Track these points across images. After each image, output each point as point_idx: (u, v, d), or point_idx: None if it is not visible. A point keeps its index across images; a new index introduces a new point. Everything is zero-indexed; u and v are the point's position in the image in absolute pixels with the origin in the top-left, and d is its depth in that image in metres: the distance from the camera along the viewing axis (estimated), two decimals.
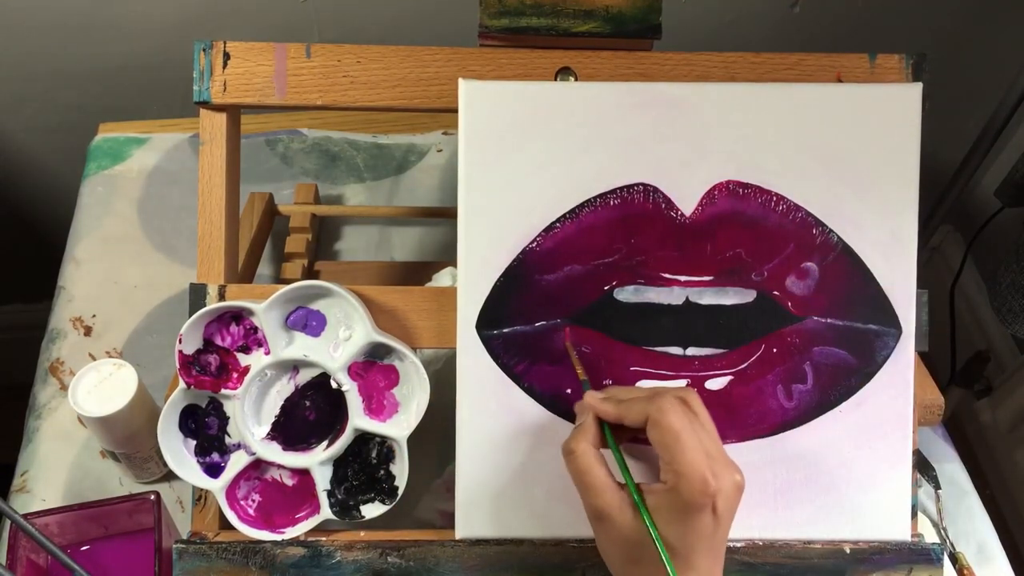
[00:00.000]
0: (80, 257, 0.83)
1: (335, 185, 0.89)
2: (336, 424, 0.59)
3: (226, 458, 0.58)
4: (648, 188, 0.57)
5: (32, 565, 0.59)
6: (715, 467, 0.47)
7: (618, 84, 0.58)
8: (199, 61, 0.58)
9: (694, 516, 0.46)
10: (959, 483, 0.74)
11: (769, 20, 1.02)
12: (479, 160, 0.57)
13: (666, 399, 0.49)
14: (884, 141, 0.58)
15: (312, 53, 0.58)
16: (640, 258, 0.58)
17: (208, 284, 0.58)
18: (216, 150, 0.58)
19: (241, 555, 0.58)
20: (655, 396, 0.49)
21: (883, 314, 0.58)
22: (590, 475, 0.49)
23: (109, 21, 0.91)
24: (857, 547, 0.59)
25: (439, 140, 0.93)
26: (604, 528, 0.49)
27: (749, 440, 0.58)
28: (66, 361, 0.76)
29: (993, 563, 0.70)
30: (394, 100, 0.58)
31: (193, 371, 0.57)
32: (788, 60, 0.59)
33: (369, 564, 0.58)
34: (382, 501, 0.59)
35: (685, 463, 0.46)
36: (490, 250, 0.57)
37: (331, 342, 0.58)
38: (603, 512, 0.48)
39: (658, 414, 0.48)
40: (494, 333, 0.57)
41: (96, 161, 0.89)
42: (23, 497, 0.69)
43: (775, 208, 0.58)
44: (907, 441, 0.59)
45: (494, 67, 0.58)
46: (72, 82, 0.97)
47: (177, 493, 0.69)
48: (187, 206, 0.85)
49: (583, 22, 0.57)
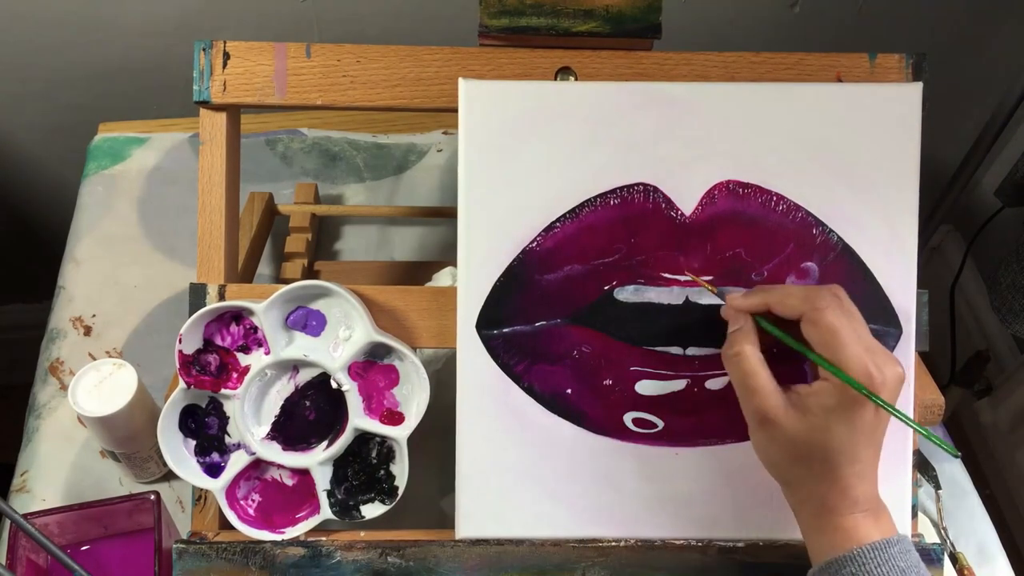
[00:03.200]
0: (80, 257, 0.83)
1: (335, 185, 0.89)
2: (336, 424, 0.59)
3: (226, 458, 0.58)
4: (648, 188, 0.57)
5: (32, 565, 0.59)
6: (877, 360, 0.47)
7: (618, 84, 0.58)
8: (199, 61, 0.58)
9: (858, 411, 0.47)
10: (959, 483, 0.74)
11: (769, 20, 1.02)
12: (479, 160, 0.57)
13: (822, 296, 0.49)
14: (884, 141, 0.58)
15: (312, 53, 0.58)
16: (640, 258, 0.58)
17: (208, 284, 0.58)
18: (216, 150, 0.58)
19: (241, 555, 0.58)
20: (809, 294, 0.50)
21: (883, 314, 0.58)
22: (756, 377, 0.50)
23: (109, 21, 0.91)
24: None
25: (439, 140, 0.93)
26: (769, 431, 0.49)
27: (749, 440, 0.58)
28: (66, 361, 0.76)
29: (993, 563, 0.70)
30: (394, 100, 0.58)
31: (193, 371, 0.57)
32: (788, 60, 0.59)
33: (369, 564, 0.58)
34: (382, 501, 0.59)
35: (847, 358, 0.47)
36: (490, 250, 0.57)
37: (331, 342, 0.58)
38: (769, 415, 0.49)
39: (815, 313, 0.48)
40: (494, 333, 0.57)
41: (96, 161, 0.89)
42: (23, 497, 0.69)
43: (775, 208, 0.58)
44: (907, 441, 0.59)
45: (494, 67, 0.58)
46: (72, 82, 0.97)
47: (177, 493, 0.69)
48: (187, 206, 0.85)
49: (583, 22, 0.57)
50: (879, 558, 0.46)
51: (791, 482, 0.51)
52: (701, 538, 0.58)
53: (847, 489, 0.48)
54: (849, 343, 0.47)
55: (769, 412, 0.49)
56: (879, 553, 0.46)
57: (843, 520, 0.48)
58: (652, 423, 0.58)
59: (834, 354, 0.47)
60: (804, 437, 0.48)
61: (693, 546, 0.58)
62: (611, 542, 0.58)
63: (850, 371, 0.47)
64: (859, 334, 0.48)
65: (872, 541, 0.47)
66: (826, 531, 0.49)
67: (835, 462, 0.48)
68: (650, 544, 0.58)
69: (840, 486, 0.48)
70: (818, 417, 0.48)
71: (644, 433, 0.58)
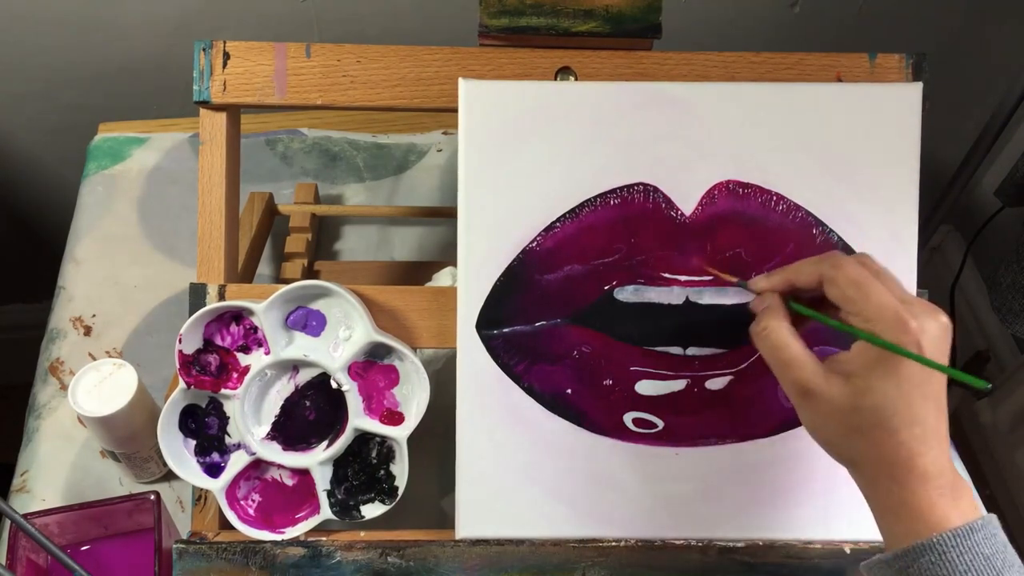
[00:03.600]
0: (80, 257, 0.83)
1: (335, 185, 0.89)
2: (336, 424, 0.59)
3: (226, 458, 0.58)
4: (648, 188, 0.57)
5: (32, 565, 0.59)
6: (912, 308, 0.43)
7: (618, 84, 0.58)
8: (199, 61, 0.58)
9: (903, 363, 0.43)
10: None
11: (769, 20, 1.02)
12: (479, 160, 0.57)
13: (837, 255, 0.47)
14: (884, 141, 0.58)
15: (312, 53, 0.58)
16: (640, 258, 0.58)
17: (208, 284, 0.58)
18: (216, 150, 0.58)
19: (241, 555, 0.58)
20: (824, 256, 0.48)
21: None
22: (788, 349, 0.47)
23: (109, 21, 0.91)
24: (857, 547, 0.59)
25: (439, 140, 0.93)
26: (812, 404, 0.46)
27: (749, 440, 0.58)
28: (66, 361, 0.76)
29: None
30: (394, 100, 0.58)
31: (193, 371, 0.57)
32: (788, 60, 0.59)
33: (369, 564, 0.58)
34: (382, 501, 0.59)
35: (873, 307, 0.44)
36: (490, 250, 0.57)
37: (331, 342, 0.58)
38: (808, 386, 0.46)
39: (832, 270, 0.46)
40: (494, 333, 0.57)
41: (96, 161, 0.89)
42: (23, 497, 0.69)
43: (775, 208, 0.58)
44: None
45: (494, 67, 0.58)
46: (72, 82, 0.97)
47: (177, 493, 0.69)
48: (187, 206, 0.85)
49: (583, 22, 0.57)
50: (961, 546, 0.41)
51: (853, 460, 0.46)
52: (701, 538, 0.58)
53: (913, 457, 0.43)
54: (874, 292, 0.44)
55: (808, 383, 0.46)
56: (961, 540, 0.41)
57: (916, 499, 0.43)
58: (652, 423, 0.58)
59: (859, 307, 0.44)
60: (851, 402, 0.44)
61: (693, 546, 0.58)
62: (611, 542, 0.58)
63: (880, 320, 0.43)
64: (887, 285, 0.45)
65: (953, 527, 0.42)
66: (900, 514, 0.43)
67: (891, 425, 0.43)
68: (650, 544, 0.58)
69: (904, 454, 0.43)
70: (860, 378, 0.44)
71: (644, 433, 0.58)
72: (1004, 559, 0.42)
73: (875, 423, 0.44)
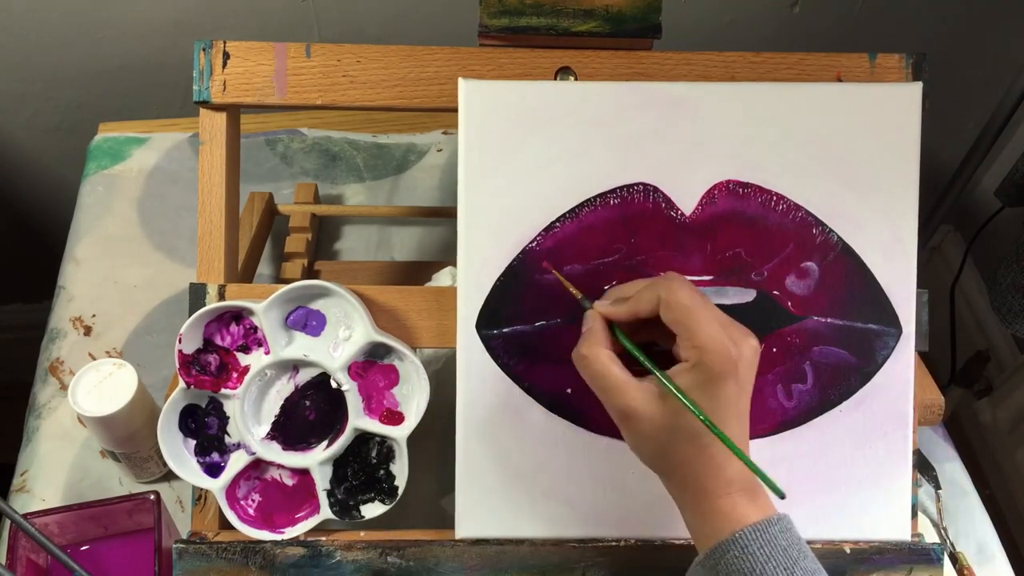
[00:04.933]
0: (80, 257, 0.83)
1: (335, 185, 0.89)
2: (336, 424, 0.59)
3: (226, 458, 0.58)
4: (648, 187, 0.57)
5: (32, 565, 0.59)
6: (733, 335, 0.48)
7: (618, 84, 0.58)
8: (199, 61, 0.58)
9: (720, 386, 0.47)
10: (959, 483, 0.74)
11: (769, 20, 1.02)
12: (479, 160, 0.57)
13: (673, 280, 0.49)
14: (884, 141, 0.58)
15: (312, 53, 0.58)
16: (640, 257, 0.58)
17: (208, 284, 0.58)
18: (216, 150, 0.58)
19: (241, 555, 0.58)
20: (659, 280, 0.50)
21: (883, 314, 0.58)
22: (608, 377, 0.49)
23: (109, 21, 0.91)
24: (857, 547, 0.59)
25: (439, 140, 0.93)
26: (633, 425, 0.49)
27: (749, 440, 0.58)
28: (66, 361, 0.76)
29: (993, 563, 0.70)
30: (394, 100, 0.58)
31: (193, 371, 0.57)
32: (788, 60, 0.59)
33: (369, 564, 0.58)
34: (382, 501, 0.59)
35: (704, 336, 0.47)
36: (490, 250, 0.57)
37: (331, 342, 0.58)
38: (630, 410, 0.49)
39: (669, 294, 0.48)
40: (494, 333, 0.57)
41: (96, 161, 0.89)
42: (23, 497, 0.69)
43: (775, 208, 0.58)
44: (907, 441, 0.59)
45: (494, 67, 0.58)
46: (72, 82, 0.97)
47: (177, 493, 0.69)
48: (187, 206, 0.85)
49: (583, 21, 0.57)
50: (761, 539, 0.46)
51: (668, 471, 0.50)
52: None
53: (720, 468, 0.48)
54: (705, 320, 0.47)
55: (628, 406, 0.49)
56: (760, 534, 0.46)
57: (721, 502, 0.47)
58: None
59: (692, 333, 0.47)
60: (669, 421, 0.48)
61: (693, 546, 0.58)
62: (611, 542, 0.58)
63: (710, 348, 0.47)
64: (712, 311, 0.48)
65: (752, 522, 0.47)
66: (707, 516, 0.48)
67: (704, 441, 0.47)
68: (650, 544, 0.58)
69: (714, 464, 0.47)
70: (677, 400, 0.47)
71: None
72: (799, 550, 0.47)
73: (690, 439, 0.48)
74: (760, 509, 0.48)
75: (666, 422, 0.48)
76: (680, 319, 0.48)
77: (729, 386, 0.47)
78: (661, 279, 0.50)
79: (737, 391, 0.48)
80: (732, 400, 0.48)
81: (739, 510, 0.47)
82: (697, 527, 0.49)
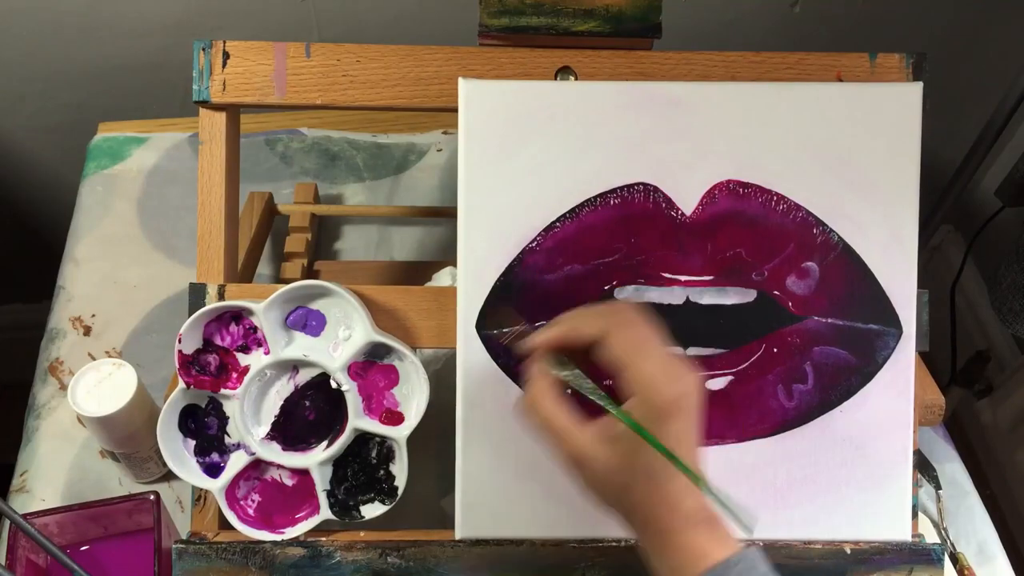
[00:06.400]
0: (80, 257, 0.83)
1: (335, 185, 0.89)
2: (336, 424, 0.58)
3: (226, 458, 0.58)
4: (648, 187, 0.57)
5: (32, 565, 0.59)
6: (677, 370, 0.47)
7: (618, 83, 0.58)
8: (199, 60, 0.58)
9: (669, 422, 0.46)
10: (960, 483, 0.74)
11: (769, 20, 1.02)
12: (479, 160, 0.57)
13: (621, 312, 0.49)
14: (884, 141, 0.58)
15: (312, 52, 0.58)
16: (640, 258, 0.58)
17: (208, 284, 0.58)
18: (216, 150, 0.58)
19: (241, 555, 0.58)
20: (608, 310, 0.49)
21: (883, 314, 0.58)
22: (555, 423, 0.48)
23: (109, 21, 0.91)
24: (857, 547, 0.59)
25: (439, 140, 0.93)
26: (585, 469, 0.48)
27: (749, 440, 0.58)
28: (66, 361, 0.76)
29: (993, 563, 0.70)
30: (394, 100, 0.58)
31: (193, 371, 0.57)
32: (788, 60, 0.59)
33: (369, 564, 0.58)
34: (382, 501, 0.59)
35: (648, 373, 0.46)
36: (490, 250, 0.57)
37: (331, 342, 0.58)
38: (579, 454, 0.47)
39: (616, 328, 0.47)
40: (494, 333, 0.57)
41: (96, 161, 0.89)
42: (23, 497, 0.69)
43: (775, 208, 0.58)
44: (907, 441, 0.59)
45: (494, 66, 0.58)
46: (72, 82, 0.97)
47: (177, 493, 0.69)
48: (187, 206, 0.85)
49: (583, 21, 0.57)
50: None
51: (627, 511, 0.48)
52: None
53: (678, 504, 0.46)
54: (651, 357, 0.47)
55: (577, 452, 0.47)
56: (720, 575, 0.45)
57: (680, 539, 0.46)
58: None
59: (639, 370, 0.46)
60: (622, 463, 0.47)
61: None
62: (611, 542, 0.58)
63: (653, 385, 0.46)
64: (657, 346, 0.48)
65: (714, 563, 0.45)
66: (666, 553, 0.47)
67: (660, 479, 0.46)
68: None
69: (671, 501, 0.46)
70: (629, 440, 0.46)
71: None
72: None
73: (645, 478, 0.46)
74: (720, 543, 0.46)
75: (619, 463, 0.47)
76: (623, 358, 0.47)
77: (676, 421, 0.46)
78: (609, 310, 0.49)
79: (687, 425, 0.47)
80: (682, 434, 0.46)
81: (698, 547, 0.46)
82: (657, 562, 0.48)
